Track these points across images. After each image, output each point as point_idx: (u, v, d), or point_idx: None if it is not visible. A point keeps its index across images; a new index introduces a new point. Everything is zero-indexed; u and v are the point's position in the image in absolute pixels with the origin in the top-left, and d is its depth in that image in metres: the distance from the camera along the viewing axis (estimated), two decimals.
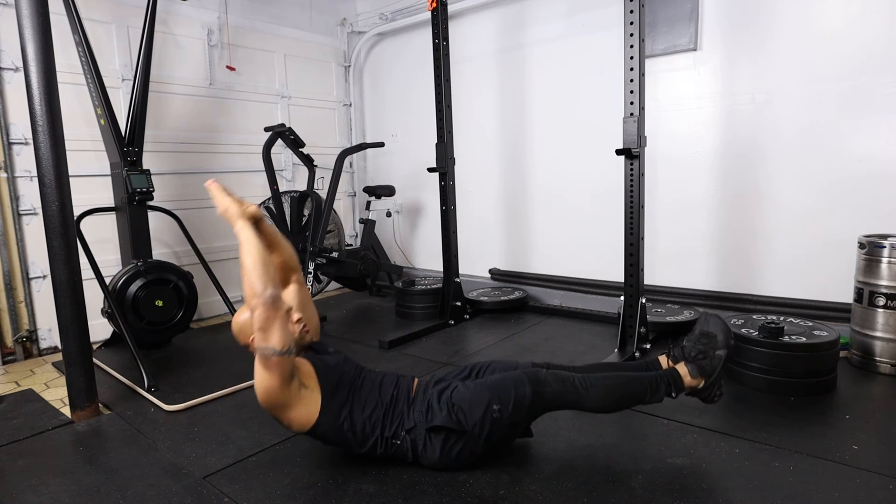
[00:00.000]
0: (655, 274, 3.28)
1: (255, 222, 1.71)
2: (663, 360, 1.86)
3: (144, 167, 3.03)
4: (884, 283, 2.38)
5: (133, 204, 2.98)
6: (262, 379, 1.56)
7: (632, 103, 2.50)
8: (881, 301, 2.39)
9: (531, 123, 3.86)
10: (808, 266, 2.88)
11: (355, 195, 5.10)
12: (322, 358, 1.77)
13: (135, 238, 3.02)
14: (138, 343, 2.65)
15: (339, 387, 1.70)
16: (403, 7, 4.44)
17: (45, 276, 3.12)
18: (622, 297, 2.72)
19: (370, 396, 1.72)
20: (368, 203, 4.46)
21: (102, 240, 3.24)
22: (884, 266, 2.37)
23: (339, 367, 1.76)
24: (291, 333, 1.61)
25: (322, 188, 4.18)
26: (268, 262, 1.56)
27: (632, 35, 2.47)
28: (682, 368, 1.77)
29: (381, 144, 4.15)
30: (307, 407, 1.64)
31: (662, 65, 3.21)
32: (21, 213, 3.07)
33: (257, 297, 1.49)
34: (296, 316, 1.78)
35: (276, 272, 1.57)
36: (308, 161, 3.82)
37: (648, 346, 2.75)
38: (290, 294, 1.83)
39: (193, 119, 3.83)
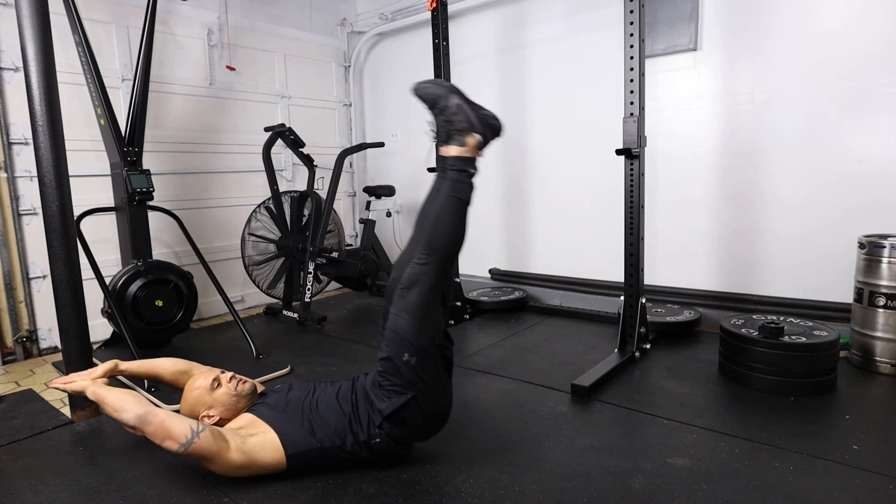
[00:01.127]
0: (655, 274, 3.28)
1: (116, 372, 1.98)
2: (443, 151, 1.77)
3: (144, 167, 3.03)
4: (884, 283, 2.38)
5: (133, 204, 2.98)
6: (211, 466, 1.63)
7: (632, 103, 2.50)
8: (881, 301, 2.39)
9: (531, 123, 3.86)
10: (808, 266, 2.88)
11: (355, 195, 5.10)
12: (267, 400, 1.81)
13: (135, 238, 3.02)
14: (138, 343, 2.65)
15: (290, 415, 1.72)
16: (403, 7, 4.44)
17: (45, 276, 3.12)
18: (622, 297, 2.72)
19: (329, 411, 1.73)
20: (368, 203, 4.46)
21: (102, 240, 3.24)
22: (884, 266, 2.37)
23: (281, 399, 1.79)
24: (221, 399, 1.77)
25: (322, 188, 4.18)
26: (121, 396, 1.72)
27: (632, 35, 2.47)
28: (451, 149, 1.70)
29: (381, 144, 4.15)
30: (266, 448, 1.66)
31: (662, 65, 3.21)
32: (21, 213, 3.07)
33: (136, 427, 1.64)
34: (225, 377, 1.83)
35: (132, 395, 1.72)
36: (308, 161, 3.82)
37: (648, 346, 2.75)
38: (201, 374, 1.87)
39: (193, 119, 3.83)
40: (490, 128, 1.71)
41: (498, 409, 2.20)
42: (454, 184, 1.69)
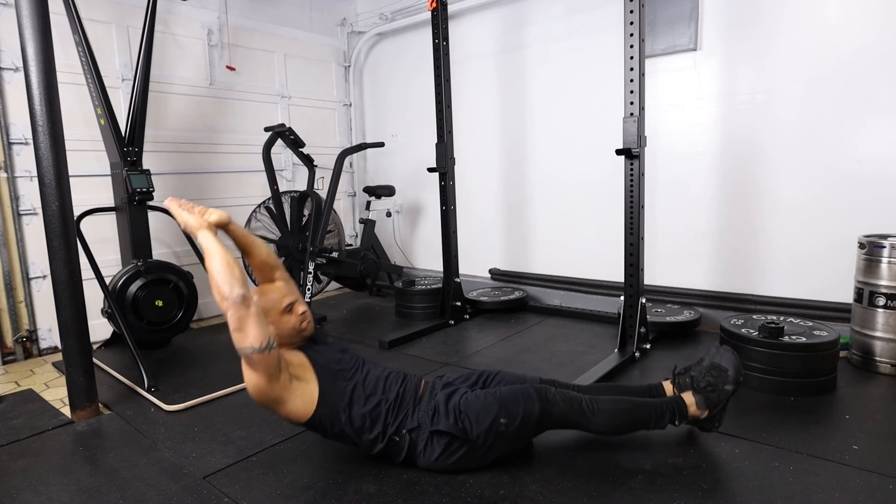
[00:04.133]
0: (655, 274, 3.28)
1: (224, 227, 1.74)
2: (668, 387, 1.88)
3: (144, 167, 3.03)
4: (884, 283, 2.38)
5: (133, 204, 2.98)
6: (250, 378, 1.58)
7: (632, 103, 2.50)
8: (881, 301, 2.39)
9: (531, 123, 3.86)
10: (808, 266, 2.88)
11: (355, 195, 5.10)
12: (319, 349, 1.77)
13: (135, 238, 3.02)
14: (138, 343, 2.65)
15: (337, 378, 1.70)
16: (403, 7, 4.44)
17: (45, 276, 3.12)
18: (622, 297, 2.72)
19: (374, 391, 1.72)
20: (368, 203, 4.46)
21: (102, 240, 3.23)
22: (884, 266, 2.37)
23: (336, 358, 1.76)
24: (281, 325, 1.68)
25: (322, 188, 4.18)
26: (232, 264, 1.55)
27: (632, 35, 2.47)
28: (688, 398, 1.78)
29: (381, 144, 4.15)
30: (302, 399, 1.64)
31: (662, 65, 3.21)
32: (21, 213, 3.07)
33: (225, 299, 1.49)
34: (300, 308, 1.77)
35: (242, 273, 1.57)
36: (308, 161, 3.82)
37: (648, 346, 2.75)
38: (282, 288, 1.81)
39: (193, 119, 3.83)
40: (717, 422, 1.81)
41: None
42: (660, 414, 1.76)
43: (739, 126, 3.02)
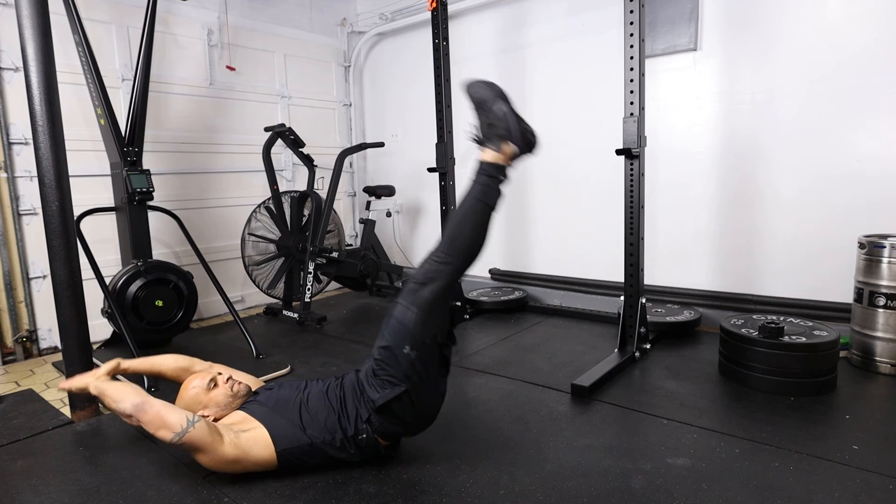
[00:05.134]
0: (655, 274, 3.28)
1: (119, 372, 2.00)
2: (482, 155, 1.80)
3: (144, 167, 3.03)
4: (884, 283, 2.38)
5: (133, 204, 2.98)
6: (201, 458, 1.63)
7: (632, 103, 2.50)
8: (881, 301, 2.39)
9: (531, 123, 3.85)
10: (808, 266, 2.88)
11: (355, 195, 5.10)
12: (259, 399, 1.83)
13: (135, 238, 3.02)
14: (138, 343, 2.65)
15: (277, 413, 1.74)
16: (403, 7, 4.44)
17: (45, 276, 3.12)
18: (622, 297, 2.72)
19: (320, 406, 1.74)
20: (368, 203, 4.46)
21: (102, 240, 3.24)
22: (884, 266, 2.37)
23: (272, 397, 1.81)
24: (217, 399, 1.81)
25: (322, 188, 4.18)
26: (118, 387, 1.75)
27: (632, 35, 2.47)
28: (487, 154, 1.73)
29: (381, 144, 4.15)
30: (257, 444, 1.67)
31: (662, 65, 3.21)
32: (21, 213, 3.07)
33: (131, 416, 1.67)
34: (222, 379, 1.87)
35: (126, 388, 1.73)
36: (308, 161, 3.82)
37: (648, 346, 2.75)
38: (200, 374, 1.91)
39: (193, 119, 3.83)
40: (526, 142, 1.74)
41: (498, 409, 2.20)
42: (484, 188, 1.71)
43: (739, 126, 3.02)
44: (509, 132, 1.70)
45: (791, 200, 2.90)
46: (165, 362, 2.05)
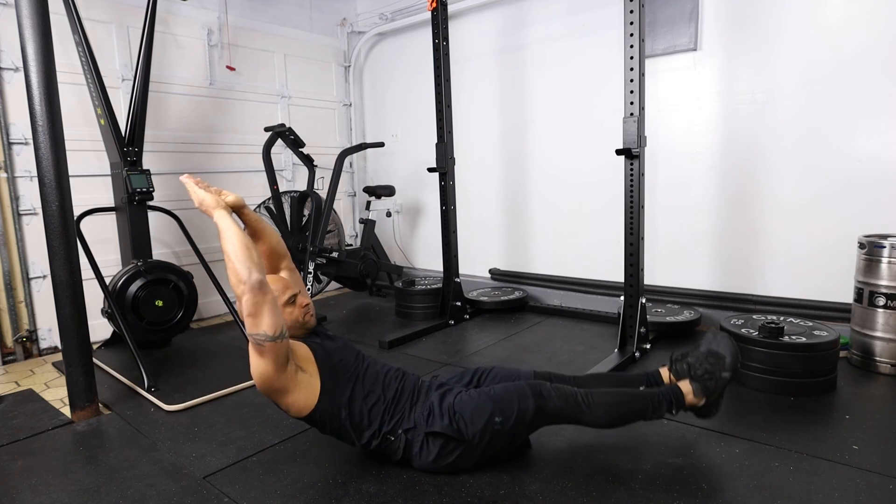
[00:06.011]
0: (655, 274, 3.28)
1: (238, 210, 1.70)
2: (664, 374, 1.86)
3: (144, 167, 3.03)
4: (884, 283, 2.38)
5: (133, 204, 2.98)
6: (258, 365, 1.55)
7: (632, 103, 2.50)
8: (881, 301, 2.39)
9: (531, 123, 3.86)
10: (808, 266, 2.88)
11: (355, 195, 5.10)
12: (321, 343, 1.77)
13: (135, 238, 3.02)
14: (138, 343, 2.65)
15: (338, 373, 1.70)
16: (403, 7, 4.44)
17: (45, 276, 3.12)
18: (622, 297, 2.72)
19: (373, 388, 1.72)
20: (368, 203, 4.46)
21: (102, 240, 3.23)
22: (884, 266, 2.37)
23: (338, 352, 1.76)
24: (284, 317, 1.63)
25: (322, 188, 4.18)
26: (250, 247, 1.52)
27: (632, 35, 2.46)
28: (685, 386, 1.76)
29: (381, 144, 4.16)
30: (305, 392, 1.63)
31: (662, 65, 3.21)
32: (21, 213, 3.07)
33: (243, 283, 1.46)
34: (304, 301, 1.78)
35: (260, 257, 1.55)
36: (308, 161, 3.82)
37: (648, 346, 2.75)
38: (286, 279, 1.81)
39: (193, 119, 3.83)
40: (709, 408, 1.78)
41: None
42: (658, 404, 1.72)
43: (739, 126, 3.02)
44: (711, 393, 1.74)
45: (791, 200, 2.90)
46: (269, 235, 1.83)
